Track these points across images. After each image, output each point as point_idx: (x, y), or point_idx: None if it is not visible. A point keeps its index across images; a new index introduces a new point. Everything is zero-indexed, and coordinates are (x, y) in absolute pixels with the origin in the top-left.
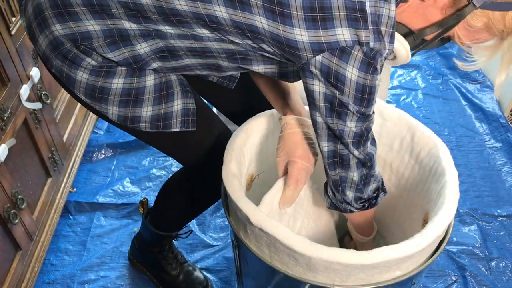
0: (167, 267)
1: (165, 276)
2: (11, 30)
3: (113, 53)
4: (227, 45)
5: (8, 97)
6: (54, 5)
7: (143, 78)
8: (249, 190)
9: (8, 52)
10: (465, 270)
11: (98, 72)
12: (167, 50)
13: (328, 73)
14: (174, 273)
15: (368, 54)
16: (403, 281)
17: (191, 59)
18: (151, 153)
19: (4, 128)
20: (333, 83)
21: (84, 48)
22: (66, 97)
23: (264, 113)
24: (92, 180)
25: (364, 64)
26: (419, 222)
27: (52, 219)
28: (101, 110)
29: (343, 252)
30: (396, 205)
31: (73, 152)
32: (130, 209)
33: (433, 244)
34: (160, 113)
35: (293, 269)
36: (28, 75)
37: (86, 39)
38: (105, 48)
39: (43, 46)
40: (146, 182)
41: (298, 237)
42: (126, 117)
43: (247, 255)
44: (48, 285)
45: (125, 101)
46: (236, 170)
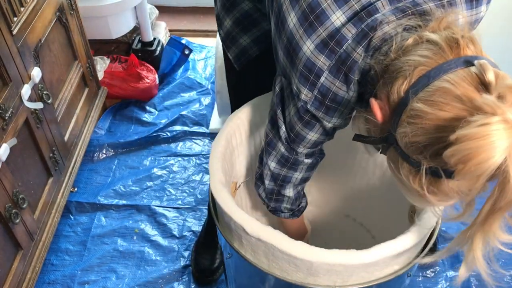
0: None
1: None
2: (12, 29)
3: None
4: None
5: (10, 97)
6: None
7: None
8: (233, 198)
9: (9, 52)
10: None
11: None
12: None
13: (281, 96)
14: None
15: (301, 110)
16: (401, 274)
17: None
18: (152, 153)
19: (5, 128)
20: (278, 102)
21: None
22: (67, 97)
23: (240, 114)
24: (93, 180)
25: (297, 114)
26: (405, 213)
27: (53, 219)
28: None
29: (344, 253)
30: (380, 198)
31: (74, 151)
32: (131, 209)
33: (427, 234)
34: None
35: (293, 275)
36: (30, 74)
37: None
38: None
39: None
40: (147, 182)
41: (297, 243)
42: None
43: (243, 265)
44: (49, 285)
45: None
46: (224, 179)
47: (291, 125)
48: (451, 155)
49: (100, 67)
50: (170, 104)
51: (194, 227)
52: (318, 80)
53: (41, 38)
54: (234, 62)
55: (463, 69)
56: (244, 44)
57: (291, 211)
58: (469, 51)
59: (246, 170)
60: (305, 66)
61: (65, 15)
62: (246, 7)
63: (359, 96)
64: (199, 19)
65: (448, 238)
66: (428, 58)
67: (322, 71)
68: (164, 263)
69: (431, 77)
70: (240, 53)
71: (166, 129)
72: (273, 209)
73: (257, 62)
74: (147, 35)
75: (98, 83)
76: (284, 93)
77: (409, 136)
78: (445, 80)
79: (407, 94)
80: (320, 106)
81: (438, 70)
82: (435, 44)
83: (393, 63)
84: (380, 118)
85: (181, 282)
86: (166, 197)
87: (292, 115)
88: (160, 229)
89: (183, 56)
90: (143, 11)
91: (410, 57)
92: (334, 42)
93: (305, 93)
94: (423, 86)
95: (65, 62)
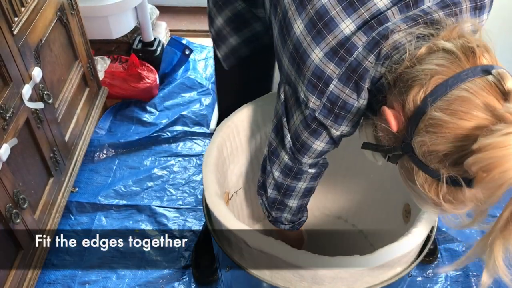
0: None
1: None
2: (13, 29)
3: None
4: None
5: (10, 97)
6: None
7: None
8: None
9: (10, 52)
10: (469, 269)
11: None
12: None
13: (286, 104)
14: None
15: (309, 118)
16: (403, 276)
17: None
18: (152, 153)
19: (6, 128)
20: (283, 111)
21: None
22: (68, 97)
23: (229, 123)
24: (94, 180)
25: (304, 122)
26: (399, 213)
27: (54, 219)
28: None
29: (349, 259)
30: (372, 198)
31: (74, 152)
32: (132, 209)
33: (427, 234)
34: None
35: (298, 285)
36: (30, 74)
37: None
38: None
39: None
40: (147, 182)
41: (301, 252)
42: None
43: (244, 278)
44: (49, 285)
45: None
46: (219, 191)
47: (296, 134)
48: (473, 164)
49: (101, 67)
50: (170, 104)
51: (194, 227)
52: (327, 88)
53: (42, 38)
54: (223, 61)
55: (481, 78)
56: (234, 44)
57: (291, 222)
58: (484, 60)
59: (237, 179)
60: (313, 74)
61: (65, 15)
62: (239, 6)
63: (368, 104)
64: (200, 19)
65: (448, 239)
66: (444, 67)
67: (332, 79)
68: (165, 263)
69: (449, 86)
70: (230, 53)
71: (167, 129)
72: (274, 219)
73: (247, 63)
74: (147, 35)
75: (98, 83)
76: (288, 102)
77: (427, 145)
78: (464, 89)
79: (424, 102)
80: (328, 114)
81: (455, 79)
82: (451, 53)
83: (407, 71)
84: (394, 126)
85: (182, 282)
86: (167, 197)
87: (298, 123)
88: (160, 229)
89: (183, 56)
90: (144, 11)
91: (426, 66)
92: (344, 50)
93: (314, 101)
94: (441, 95)
95: (65, 62)
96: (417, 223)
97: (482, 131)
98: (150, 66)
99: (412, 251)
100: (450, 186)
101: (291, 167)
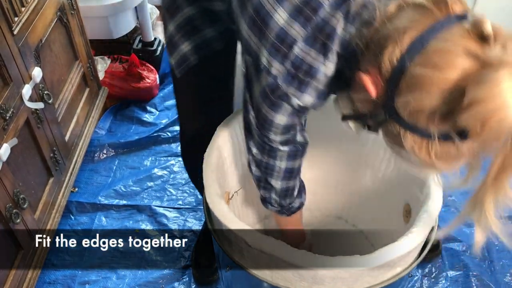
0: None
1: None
2: (13, 29)
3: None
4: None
5: (10, 97)
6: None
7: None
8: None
9: (10, 52)
10: (469, 269)
11: None
12: None
13: (247, 77)
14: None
15: (270, 87)
16: (403, 276)
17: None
18: (152, 153)
19: (6, 128)
20: (245, 85)
21: None
22: (68, 97)
23: (229, 124)
24: (94, 180)
25: (263, 94)
26: (399, 213)
27: (54, 219)
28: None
29: (349, 259)
30: (372, 198)
31: (74, 152)
32: (132, 209)
33: (428, 233)
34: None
35: (298, 285)
36: (30, 74)
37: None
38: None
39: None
40: (147, 182)
41: (301, 252)
42: None
43: (244, 277)
44: (49, 285)
45: None
46: (220, 191)
47: (257, 108)
48: (467, 118)
49: (101, 67)
50: (170, 104)
51: (194, 227)
52: (291, 50)
53: (42, 38)
54: (175, 69)
55: (457, 25)
56: (184, 51)
57: (280, 206)
58: (457, 8)
59: (237, 179)
60: (277, 36)
61: (66, 15)
62: (189, 12)
63: (337, 75)
64: None
65: (450, 238)
66: (417, 22)
67: (296, 41)
68: (165, 263)
69: (425, 40)
70: (181, 60)
71: (167, 129)
72: (263, 198)
73: (197, 70)
74: (147, 35)
75: (98, 83)
76: (248, 73)
77: (412, 104)
78: (441, 39)
79: (401, 61)
80: (292, 80)
81: (430, 31)
82: (421, 7)
83: (378, 32)
84: (373, 92)
85: (182, 282)
86: (167, 197)
87: (257, 96)
88: (160, 229)
89: None
90: (144, 11)
91: (398, 23)
92: (308, 8)
93: (276, 66)
94: (418, 50)
95: (66, 62)
96: (417, 223)
97: (468, 80)
98: (150, 66)
99: (412, 251)
100: (442, 141)
101: (262, 144)
